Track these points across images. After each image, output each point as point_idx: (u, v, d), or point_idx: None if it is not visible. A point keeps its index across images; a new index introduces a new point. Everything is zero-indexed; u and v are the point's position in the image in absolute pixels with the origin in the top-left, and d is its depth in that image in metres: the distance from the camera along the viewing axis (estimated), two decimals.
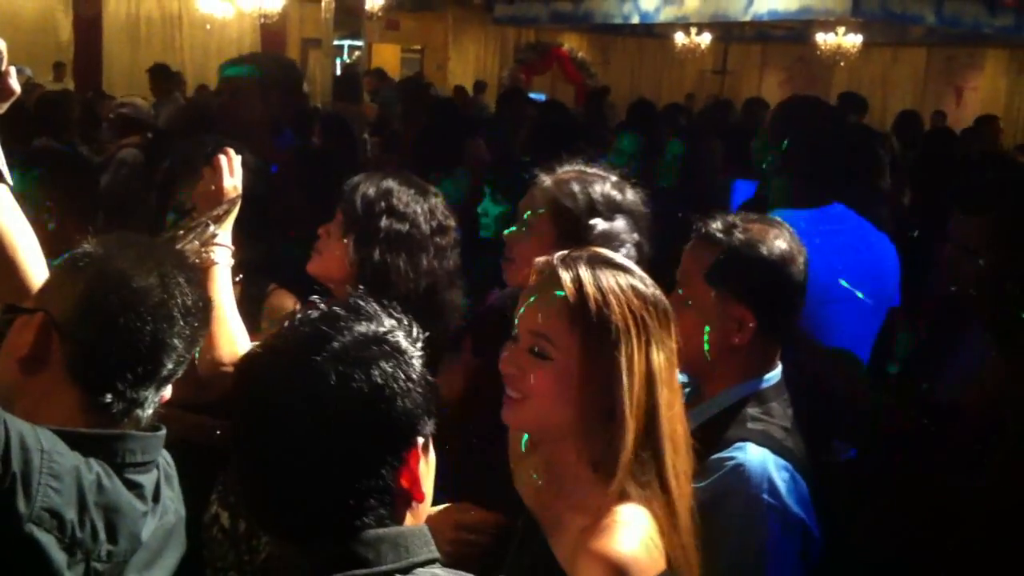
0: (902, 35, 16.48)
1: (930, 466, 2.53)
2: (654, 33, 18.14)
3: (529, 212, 2.39)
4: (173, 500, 1.71)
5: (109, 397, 1.55)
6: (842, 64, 15.84)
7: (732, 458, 1.97)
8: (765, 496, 1.93)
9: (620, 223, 2.32)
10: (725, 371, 2.13)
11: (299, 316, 1.39)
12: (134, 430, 1.59)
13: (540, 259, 1.78)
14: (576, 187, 2.34)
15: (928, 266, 3.33)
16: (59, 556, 1.41)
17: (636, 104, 7.79)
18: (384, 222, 2.43)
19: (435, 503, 1.60)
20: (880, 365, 3.37)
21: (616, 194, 2.35)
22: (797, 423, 2.11)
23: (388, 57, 19.42)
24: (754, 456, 1.96)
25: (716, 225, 2.16)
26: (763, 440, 2.00)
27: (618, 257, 1.79)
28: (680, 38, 16.63)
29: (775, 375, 2.16)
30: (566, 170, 2.40)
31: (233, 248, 2.40)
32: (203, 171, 2.46)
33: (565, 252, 1.75)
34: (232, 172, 2.43)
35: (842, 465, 3.05)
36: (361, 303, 1.41)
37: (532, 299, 1.73)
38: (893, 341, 3.42)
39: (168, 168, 2.88)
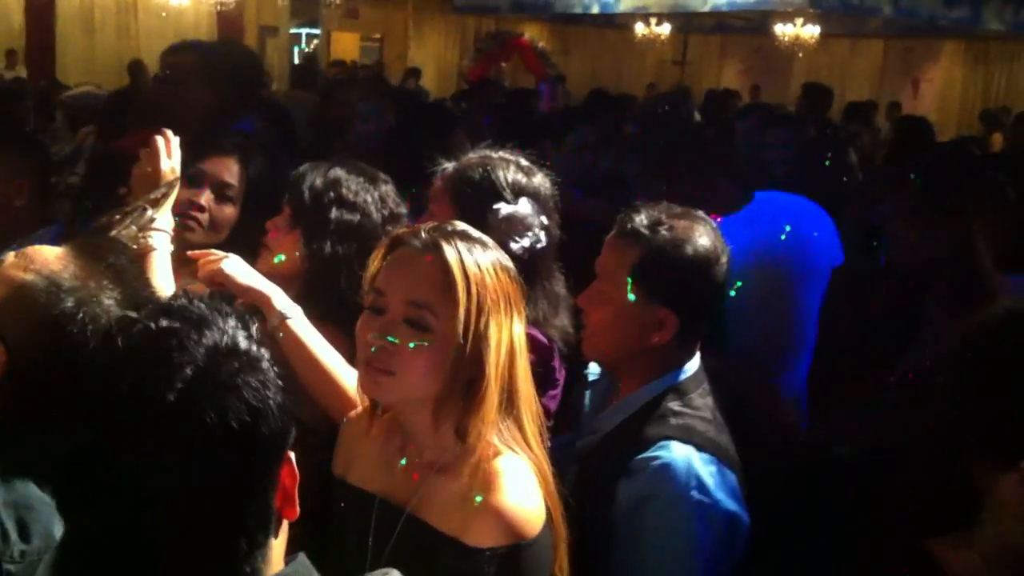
0: (860, 26, 16.59)
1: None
2: (615, 23, 18.15)
3: (432, 200, 2.37)
4: None
5: None
6: (800, 55, 15.93)
7: (656, 457, 1.94)
8: (694, 493, 1.91)
9: (525, 206, 2.28)
10: (643, 367, 2.09)
11: (127, 329, 1.15)
12: None
13: (403, 231, 1.79)
14: (478, 172, 2.32)
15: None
16: None
17: (592, 95, 7.81)
18: (334, 213, 2.34)
19: None
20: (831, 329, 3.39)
21: (521, 178, 2.33)
22: (718, 410, 2.09)
23: (347, 46, 19.26)
24: (679, 454, 1.94)
25: (641, 219, 2.10)
26: (686, 435, 1.98)
27: (477, 232, 1.80)
28: (640, 28, 16.64)
29: (693, 365, 2.13)
30: (470, 156, 2.37)
31: (171, 232, 2.33)
32: (140, 153, 2.39)
33: (436, 225, 1.78)
34: (170, 154, 2.37)
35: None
36: (190, 307, 1.18)
37: (408, 269, 1.72)
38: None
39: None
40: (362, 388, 1.80)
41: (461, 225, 1.80)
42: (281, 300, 2.12)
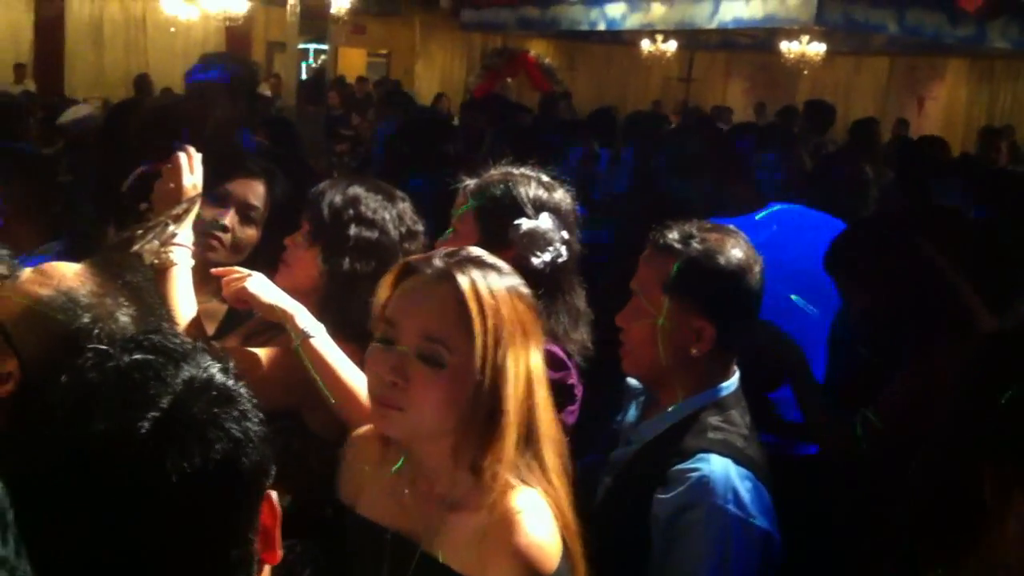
0: (865, 44, 16.61)
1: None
2: (621, 40, 18.18)
3: (455, 215, 2.39)
4: None
5: None
6: (806, 72, 15.95)
7: (696, 469, 1.96)
8: (731, 507, 1.93)
9: (546, 221, 2.31)
10: (683, 380, 2.12)
11: (100, 362, 1.12)
12: None
13: (415, 257, 1.75)
14: (500, 188, 2.35)
15: None
16: None
17: (596, 113, 7.86)
18: (353, 230, 2.36)
19: None
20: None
21: (543, 193, 2.36)
22: (755, 430, 2.11)
23: (354, 61, 19.35)
24: (717, 467, 1.96)
25: (673, 235, 2.14)
26: (725, 450, 2.00)
27: (492, 258, 1.75)
28: (646, 45, 16.68)
29: (732, 382, 2.15)
30: (492, 172, 2.40)
31: (192, 248, 2.36)
32: (162, 169, 2.42)
33: (450, 251, 1.73)
34: (192, 170, 2.40)
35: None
36: (166, 341, 1.16)
37: (421, 300, 1.67)
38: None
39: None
40: (373, 423, 1.78)
41: (475, 251, 1.75)
42: (304, 319, 2.14)
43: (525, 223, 2.29)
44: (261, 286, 2.19)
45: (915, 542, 1.65)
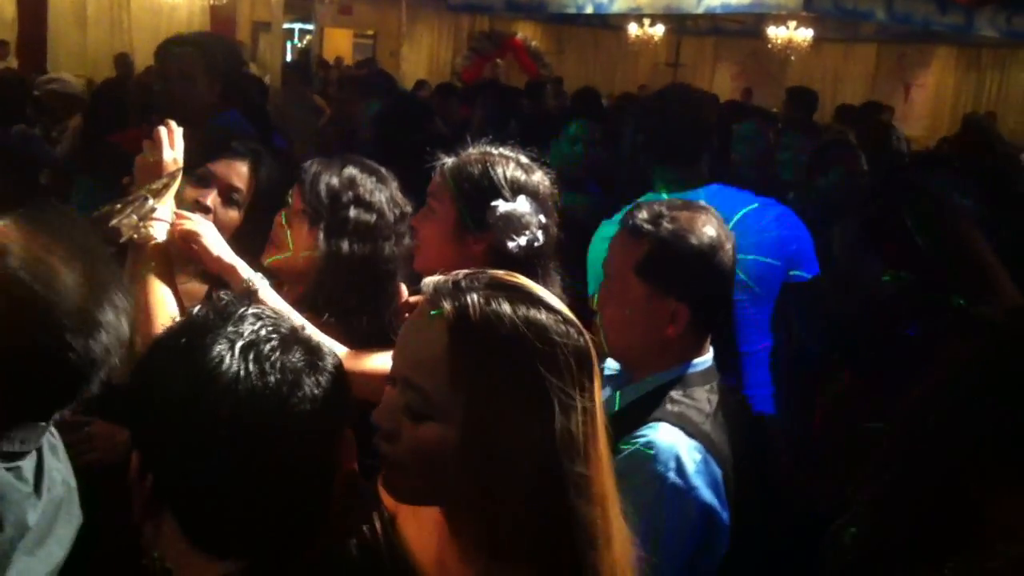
0: (853, 31, 16.63)
1: None
2: (608, 24, 18.15)
3: (432, 195, 2.35)
4: (60, 471, 1.61)
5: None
6: (793, 59, 15.95)
7: (643, 435, 1.93)
8: (671, 475, 1.89)
9: (523, 204, 2.25)
10: (659, 361, 2.09)
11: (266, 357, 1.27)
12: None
13: (428, 280, 1.37)
14: (477, 168, 2.29)
15: None
16: None
17: (580, 92, 7.90)
18: (352, 212, 2.36)
19: None
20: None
21: (520, 175, 2.30)
22: (726, 413, 2.07)
23: (341, 42, 19.24)
24: (664, 435, 1.93)
25: (642, 216, 2.10)
26: (677, 421, 1.97)
27: (527, 283, 1.38)
28: (634, 29, 16.64)
29: (704, 360, 2.13)
30: (470, 152, 2.35)
31: (174, 222, 2.32)
32: (143, 144, 2.38)
33: (459, 274, 1.36)
34: (172, 145, 2.35)
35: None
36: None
37: (408, 336, 1.37)
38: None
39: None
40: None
41: (497, 273, 1.38)
42: (246, 271, 2.23)
43: (502, 205, 2.24)
44: (212, 237, 2.26)
45: (907, 538, 1.64)
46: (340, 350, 2.08)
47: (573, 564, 1.28)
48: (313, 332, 1.42)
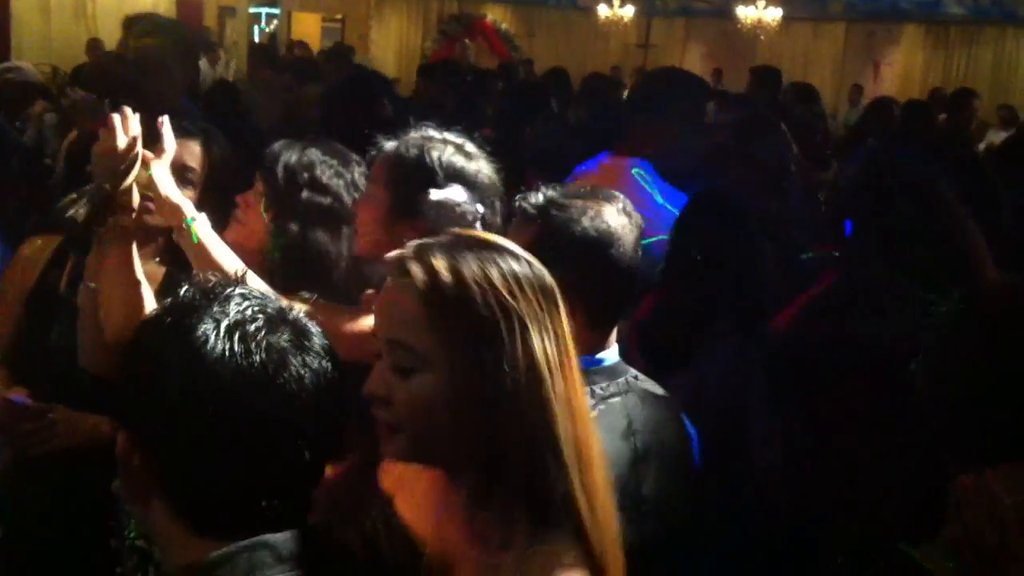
0: (822, 10, 16.67)
1: None
2: (578, 6, 18.11)
3: (370, 179, 2.31)
4: None
5: None
6: (763, 39, 15.97)
7: None
8: None
9: (457, 192, 2.18)
10: None
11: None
12: None
13: (393, 253, 1.47)
14: (413, 153, 2.22)
15: None
16: None
17: (550, 72, 8.22)
18: (305, 194, 2.37)
19: None
20: None
21: (458, 161, 2.22)
22: (630, 417, 1.95)
23: (309, 26, 19.08)
24: None
25: (532, 201, 2.00)
26: None
27: (486, 235, 1.53)
28: (604, 11, 16.60)
29: (604, 358, 2.00)
30: (411, 135, 2.27)
31: (134, 209, 2.28)
32: (99, 131, 2.34)
33: (421, 240, 1.46)
34: (127, 130, 2.31)
35: None
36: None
37: (383, 303, 1.45)
38: None
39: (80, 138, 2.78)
40: (381, 451, 1.51)
41: (457, 231, 1.52)
42: (190, 209, 2.20)
43: (435, 193, 2.17)
44: (163, 175, 2.22)
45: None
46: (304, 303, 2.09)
47: (565, 493, 1.35)
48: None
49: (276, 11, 12.68)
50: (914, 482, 2.05)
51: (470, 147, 2.28)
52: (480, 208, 2.20)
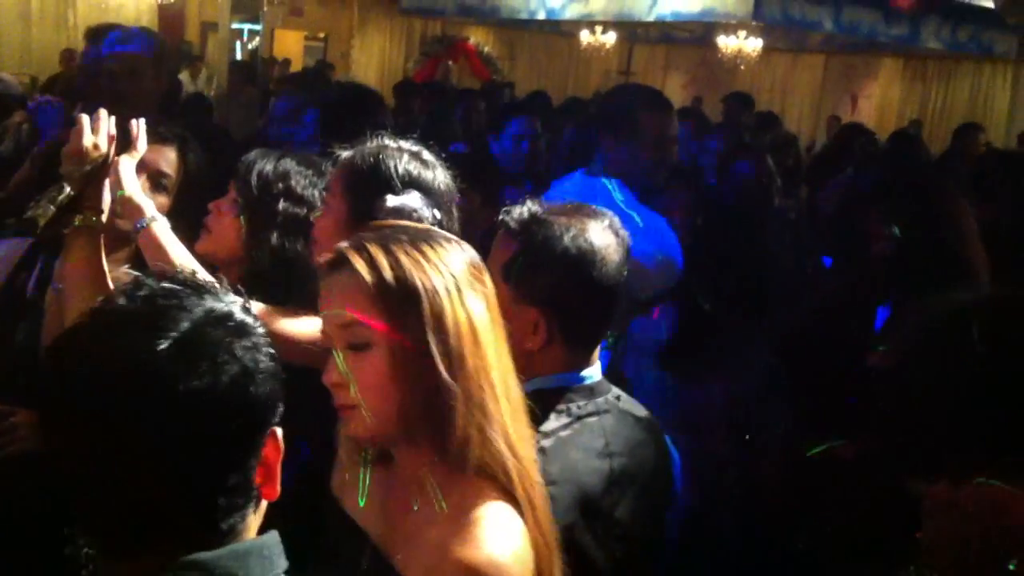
0: (802, 41, 16.80)
1: None
2: (560, 31, 18.19)
3: (327, 188, 2.31)
4: None
5: None
6: (743, 68, 16.07)
7: None
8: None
9: (414, 199, 2.18)
10: (524, 372, 1.81)
11: (132, 289, 1.20)
12: None
13: (323, 256, 1.65)
14: (368, 161, 2.23)
15: None
16: None
17: (532, 96, 8.26)
18: (281, 205, 2.36)
19: None
20: None
21: (414, 169, 2.22)
22: (609, 436, 1.93)
23: (291, 44, 19.09)
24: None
25: (514, 216, 1.98)
26: None
27: (410, 224, 1.71)
28: (586, 36, 16.68)
29: (586, 376, 1.97)
30: (368, 144, 2.28)
31: (102, 211, 2.27)
32: (68, 133, 2.33)
33: (353, 237, 1.63)
34: (96, 131, 2.30)
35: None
36: (192, 279, 1.24)
37: (330, 294, 1.59)
38: None
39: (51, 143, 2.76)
40: (343, 431, 1.66)
41: (383, 223, 1.71)
42: (151, 210, 2.26)
43: (391, 199, 2.16)
44: (129, 173, 2.28)
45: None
46: (258, 306, 2.06)
47: (505, 435, 1.54)
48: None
49: (259, 27, 12.65)
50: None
51: (427, 155, 2.29)
52: (437, 214, 2.20)
